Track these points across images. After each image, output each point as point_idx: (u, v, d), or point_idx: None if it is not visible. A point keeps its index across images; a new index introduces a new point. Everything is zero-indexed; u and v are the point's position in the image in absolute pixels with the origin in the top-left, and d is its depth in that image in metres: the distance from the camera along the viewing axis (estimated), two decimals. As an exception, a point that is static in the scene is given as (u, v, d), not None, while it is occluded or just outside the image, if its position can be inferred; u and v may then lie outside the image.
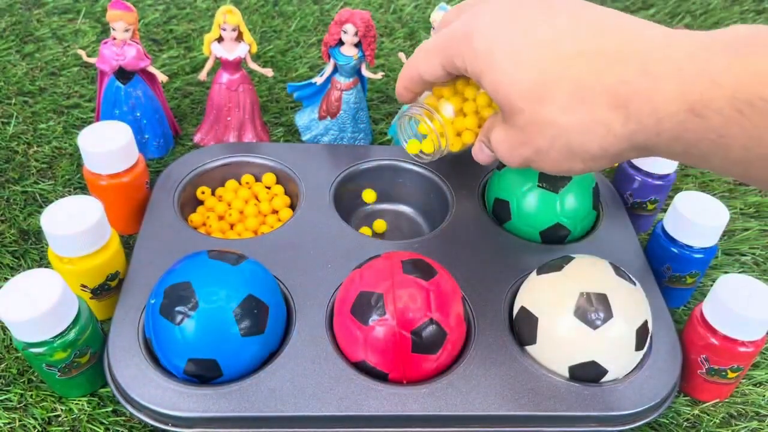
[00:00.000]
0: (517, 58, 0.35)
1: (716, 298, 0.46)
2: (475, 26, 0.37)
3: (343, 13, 0.60)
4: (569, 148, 0.36)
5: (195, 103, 0.75)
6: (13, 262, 0.56)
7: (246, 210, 0.61)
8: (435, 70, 0.41)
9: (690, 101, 0.30)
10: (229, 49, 0.63)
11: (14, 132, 0.69)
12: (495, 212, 0.59)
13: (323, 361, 0.46)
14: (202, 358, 0.43)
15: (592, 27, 0.35)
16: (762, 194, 0.70)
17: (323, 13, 0.91)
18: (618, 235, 0.58)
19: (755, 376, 0.53)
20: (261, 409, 0.43)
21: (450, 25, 0.40)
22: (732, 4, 1.02)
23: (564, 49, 0.34)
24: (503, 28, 0.36)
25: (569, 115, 0.34)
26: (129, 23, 0.60)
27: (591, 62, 0.34)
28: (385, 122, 0.74)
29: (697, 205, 0.53)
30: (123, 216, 0.57)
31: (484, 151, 0.45)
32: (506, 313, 0.50)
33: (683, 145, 0.32)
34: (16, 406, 0.47)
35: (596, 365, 0.45)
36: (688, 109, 0.31)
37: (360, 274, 0.46)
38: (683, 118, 0.31)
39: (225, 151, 0.63)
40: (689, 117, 0.31)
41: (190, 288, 0.43)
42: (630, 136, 0.33)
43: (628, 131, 0.33)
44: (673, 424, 0.49)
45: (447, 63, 0.40)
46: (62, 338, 0.43)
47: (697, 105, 0.30)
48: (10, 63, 0.78)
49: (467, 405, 0.44)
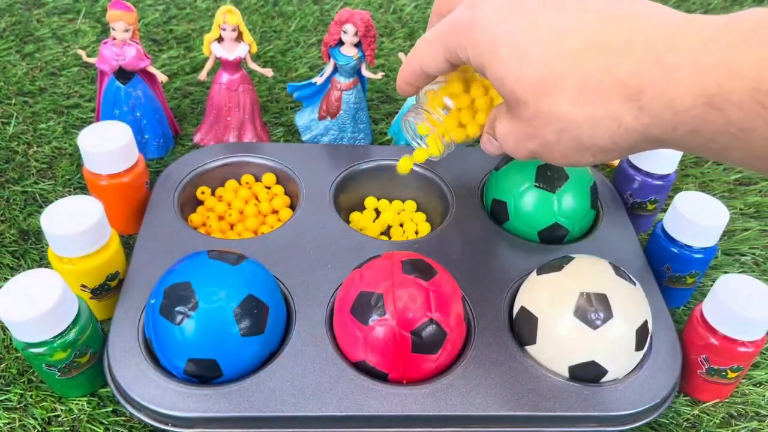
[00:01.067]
0: (522, 53, 0.34)
1: (716, 298, 0.46)
2: (477, 15, 0.36)
3: (343, 13, 0.60)
4: (579, 141, 0.34)
5: (195, 103, 0.75)
6: (13, 262, 0.56)
7: (246, 210, 0.61)
8: (438, 62, 0.40)
9: (707, 94, 0.29)
10: (229, 49, 0.63)
11: (14, 132, 0.69)
12: (493, 213, 0.59)
13: (323, 361, 0.46)
14: (202, 358, 0.43)
15: (599, 16, 0.33)
16: (762, 194, 0.70)
17: (323, 13, 0.91)
18: (618, 235, 0.58)
19: (755, 376, 0.53)
20: (261, 409, 0.43)
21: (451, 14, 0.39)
22: (732, 4, 1.02)
23: (571, 43, 0.33)
24: (506, 19, 0.35)
25: (578, 108, 0.33)
26: (129, 23, 0.60)
27: (600, 54, 0.32)
28: (385, 122, 0.74)
29: (697, 205, 0.53)
30: (123, 216, 0.57)
31: (492, 143, 0.43)
32: (506, 313, 0.50)
33: (701, 138, 0.30)
34: (16, 406, 0.47)
35: (596, 365, 0.45)
36: (706, 102, 0.29)
37: (360, 274, 0.46)
38: (701, 111, 0.29)
39: (225, 151, 0.63)
40: (707, 110, 0.29)
41: (190, 288, 0.43)
42: (643, 130, 0.32)
43: (642, 125, 0.32)
44: (673, 424, 0.49)
45: (450, 55, 0.39)
46: (62, 338, 0.43)
47: (716, 98, 0.28)
48: (10, 63, 0.78)
49: (467, 405, 0.44)
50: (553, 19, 0.34)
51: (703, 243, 0.53)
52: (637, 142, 0.33)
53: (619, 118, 0.32)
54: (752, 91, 0.27)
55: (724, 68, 0.28)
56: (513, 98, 0.36)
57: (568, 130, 0.34)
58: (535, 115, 0.35)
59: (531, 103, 0.35)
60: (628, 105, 0.32)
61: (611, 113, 0.32)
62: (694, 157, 0.74)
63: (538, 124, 0.35)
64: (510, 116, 0.38)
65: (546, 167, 0.56)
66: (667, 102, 0.30)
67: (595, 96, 0.32)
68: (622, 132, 0.33)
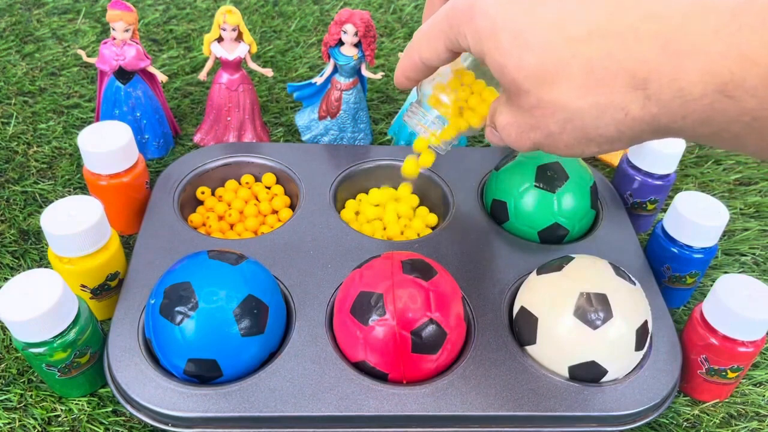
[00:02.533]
0: (523, 40, 0.33)
1: (716, 298, 0.46)
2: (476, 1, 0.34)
3: (342, 13, 0.60)
4: (583, 132, 0.33)
5: (195, 103, 0.75)
6: (13, 262, 0.56)
7: (246, 210, 0.61)
8: (439, 52, 0.38)
9: (719, 81, 0.27)
10: (229, 49, 0.63)
11: (14, 132, 0.69)
12: (493, 213, 0.59)
13: (323, 361, 0.46)
14: (202, 358, 0.43)
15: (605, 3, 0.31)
16: (762, 194, 0.70)
17: (323, 13, 0.91)
18: (618, 235, 0.58)
19: (755, 376, 0.53)
20: (261, 409, 0.43)
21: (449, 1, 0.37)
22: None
23: (574, 29, 0.32)
24: (506, 4, 0.33)
25: (582, 98, 0.32)
26: (129, 23, 0.60)
27: (604, 42, 0.31)
28: (385, 122, 0.74)
29: (697, 205, 0.53)
30: (123, 216, 0.57)
31: (495, 134, 0.41)
32: (506, 313, 0.50)
33: (712, 127, 0.29)
34: (16, 406, 0.47)
35: (596, 365, 0.45)
36: (718, 90, 0.28)
37: (360, 274, 0.46)
38: (712, 99, 0.28)
39: (225, 151, 0.63)
40: (719, 98, 0.28)
41: (190, 288, 0.43)
42: (651, 119, 0.31)
43: (649, 115, 0.31)
44: (673, 424, 0.49)
45: (451, 44, 0.37)
46: (62, 338, 0.43)
47: (728, 85, 0.27)
48: (10, 63, 0.78)
49: (467, 405, 0.44)
50: (555, 4, 0.32)
51: (703, 243, 0.53)
52: (644, 131, 0.32)
53: (625, 107, 0.31)
54: (766, 78, 0.26)
55: (735, 54, 0.27)
56: (514, 87, 0.34)
57: (571, 120, 0.33)
58: (537, 104, 0.34)
59: (532, 92, 0.33)
60: (635, 94, 0.31)
61: (617, 102, 0.31)
62: (694, 156, 0.74)
63: (541, 114, 0.34)
64: (511, 106, 0.36)
65: (546, 167, 0.56)
66: (676, 91, 0.29)
67: (600, 85, 0.31)
68: (629, 121, 0.32)
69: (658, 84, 0.30)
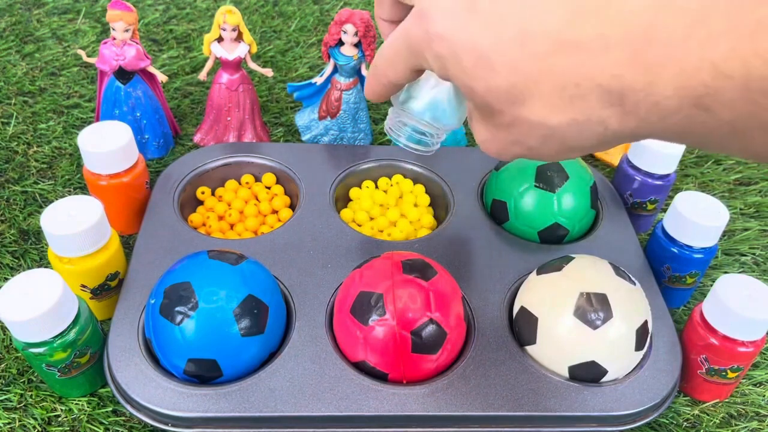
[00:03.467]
0: (486, 61, 0.31)
1: (716, 298, 0.46)
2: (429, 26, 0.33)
3: (342, 13, 0.60)
4: (564, 144, 0.32)
5: (195, 103, 0.75)
6: (13, 262, 0.56)
7: (246, 210, 0.61)
8: (406, 75, 0.37)
9: (694, 95, 0.26)
10: (229, 49, 0.63)
11: (14, 132, 0.69)
12: (493, 213, 0.59)
13: (323, 361, 0.46)
14: (202, 358, 0.43)
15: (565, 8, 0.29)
16: (762, 194, 0.70)
17: (323, 13, 0.91)
18: (618, 235, 0.58)
19: (755, 376, 0.52)
20: (261, 409, 0.43)
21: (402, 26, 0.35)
22: None
23: (538, 44, 0.30)
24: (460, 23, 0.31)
25: (558, 115, 0.31)
26: (129, 23, 0.60)
27: (572, 55, 0.29)
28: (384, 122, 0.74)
29: (697, 205, 0.52)
30: (123, 216, 0.57)
31: None
32: (506, 313, 0.50)
33: (694, 137, 0.28)
34: (16, 406, 0.47)
35: (596, 365, 0.45)
36: (694, 104, 0.26)
37: (360, 274, 0.46)
38: (688, 112, 0.27)
39: (225, 151, 0.63)
40: (696, 112, 0.27)
41: (190, 288, 0.43)
42: (631, 132, 0.30)
43: (629, 128, 0.30)
44: (673, 424, 0.49)
45: (416, 67, 0.36)
46: (62, 338, 0.43)
47: (704, 99, 0.26)
48: (10, 63, 0.78)
49: (467, 405, 0.44)
50: (514, 17, 0.30)
51: (703, 243, 0.53)
52: (626, 139, 0.31)
53: (603, 122, 0.30)
54: (743, 91, 0.25)
55: (708, 66, 0.25)
56: (487, 108, 0.33)
57: (551, 136, 0.32)
58: (512, 123, 0.33)
59: (506, 112, 0.32)
60: (612, 110, 0.29)
61: (594, 119, 0.30)
62: (694, 156, 0.74)
63: (518, 132, 0.33)
64: (486, 124, 0.35)
65: (546, 167, 0.56)
66: (651, 105, 0.28)
67: (574, 102, 0.30)
68: (609, 135, 0.31)
69: (634, 99, 0.28)
